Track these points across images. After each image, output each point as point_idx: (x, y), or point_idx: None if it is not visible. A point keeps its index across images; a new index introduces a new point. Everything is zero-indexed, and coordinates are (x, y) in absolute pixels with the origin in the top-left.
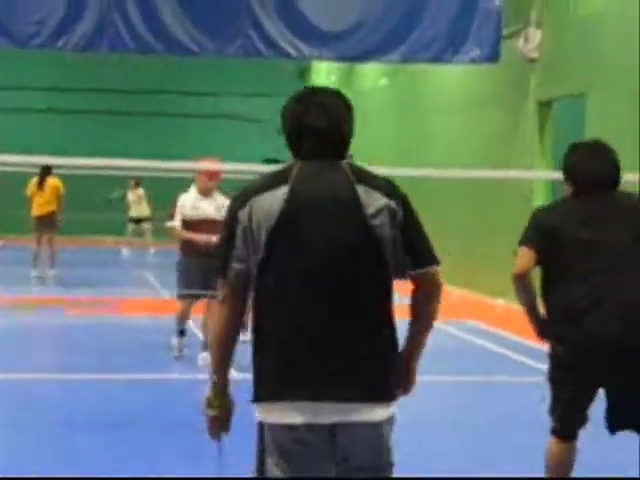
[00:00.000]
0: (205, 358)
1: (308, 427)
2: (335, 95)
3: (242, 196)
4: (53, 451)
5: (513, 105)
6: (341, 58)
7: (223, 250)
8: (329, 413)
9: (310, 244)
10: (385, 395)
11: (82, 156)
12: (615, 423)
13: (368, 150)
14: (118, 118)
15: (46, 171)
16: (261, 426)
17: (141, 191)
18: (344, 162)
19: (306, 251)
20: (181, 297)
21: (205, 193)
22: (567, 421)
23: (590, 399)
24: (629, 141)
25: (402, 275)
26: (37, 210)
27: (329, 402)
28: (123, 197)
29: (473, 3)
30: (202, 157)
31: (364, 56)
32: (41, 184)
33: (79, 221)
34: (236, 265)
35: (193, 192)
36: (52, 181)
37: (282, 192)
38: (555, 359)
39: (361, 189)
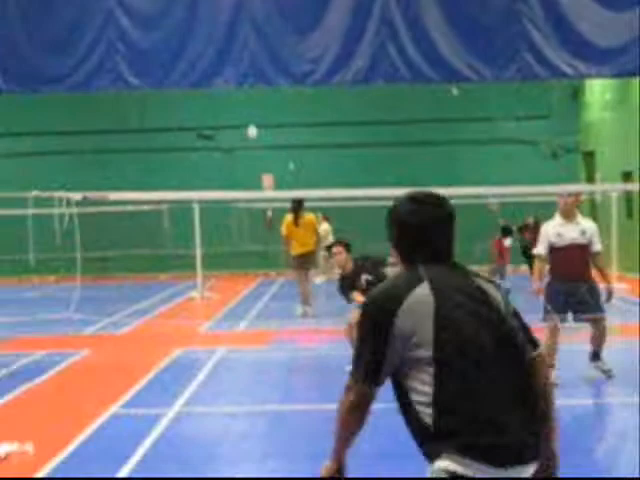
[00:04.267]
0: None
1: None
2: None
3: (388, 298)
4: None
5: None
6: (619, 74)
7: (374, 353)
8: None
9: (471, 333)
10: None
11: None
12: None
13: None
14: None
15: (299, 206)
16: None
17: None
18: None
19: (473, 339)
20: (547, 319)
21: (567, 215)
22: None
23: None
24: None
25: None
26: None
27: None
28: None
29: None
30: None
31: None
32: (297, 220)
33: None
34: (388, 369)
35: (557, 218)
36: (308, 217)
37: (426, 287)
38: None
39: (480, 282)
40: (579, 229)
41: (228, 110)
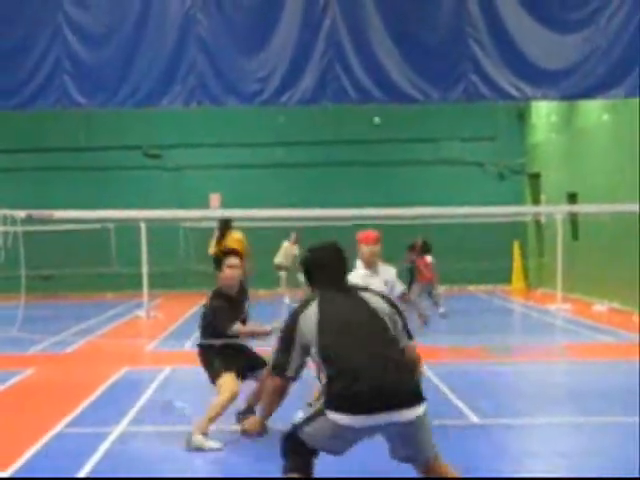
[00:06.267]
0: None
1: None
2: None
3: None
4: None
5: None
6: (565, 97)
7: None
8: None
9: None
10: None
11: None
12: None
13: (590, 188)
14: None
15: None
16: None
17: (296, 249)
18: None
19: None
20: None
21: (371, 265)
22: None
23: None
24: None
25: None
26: None
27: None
28: None
29: None
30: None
31: (588, 93)
32: (220, 241)
33: None
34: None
35: (361, 269)
36: (234, 236)
37: (314, 305)
38: None
39: (364, 294)
40: (382, 279)
41: (176, 129)
